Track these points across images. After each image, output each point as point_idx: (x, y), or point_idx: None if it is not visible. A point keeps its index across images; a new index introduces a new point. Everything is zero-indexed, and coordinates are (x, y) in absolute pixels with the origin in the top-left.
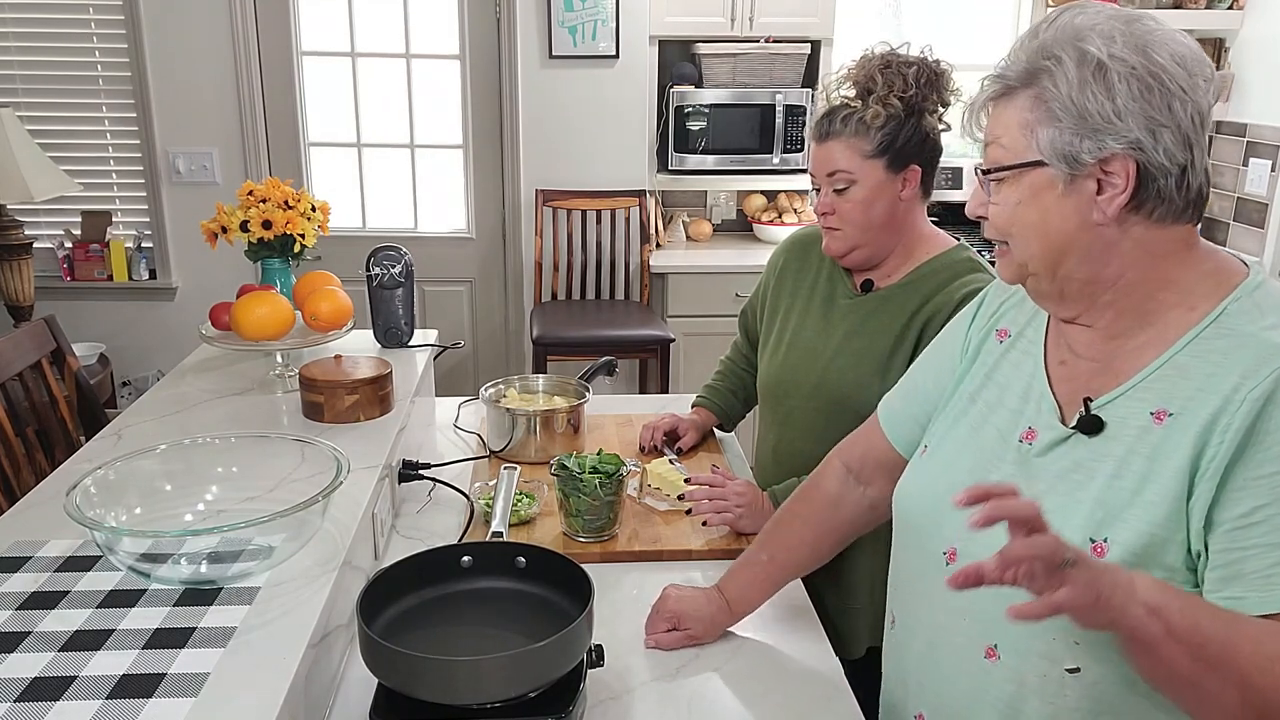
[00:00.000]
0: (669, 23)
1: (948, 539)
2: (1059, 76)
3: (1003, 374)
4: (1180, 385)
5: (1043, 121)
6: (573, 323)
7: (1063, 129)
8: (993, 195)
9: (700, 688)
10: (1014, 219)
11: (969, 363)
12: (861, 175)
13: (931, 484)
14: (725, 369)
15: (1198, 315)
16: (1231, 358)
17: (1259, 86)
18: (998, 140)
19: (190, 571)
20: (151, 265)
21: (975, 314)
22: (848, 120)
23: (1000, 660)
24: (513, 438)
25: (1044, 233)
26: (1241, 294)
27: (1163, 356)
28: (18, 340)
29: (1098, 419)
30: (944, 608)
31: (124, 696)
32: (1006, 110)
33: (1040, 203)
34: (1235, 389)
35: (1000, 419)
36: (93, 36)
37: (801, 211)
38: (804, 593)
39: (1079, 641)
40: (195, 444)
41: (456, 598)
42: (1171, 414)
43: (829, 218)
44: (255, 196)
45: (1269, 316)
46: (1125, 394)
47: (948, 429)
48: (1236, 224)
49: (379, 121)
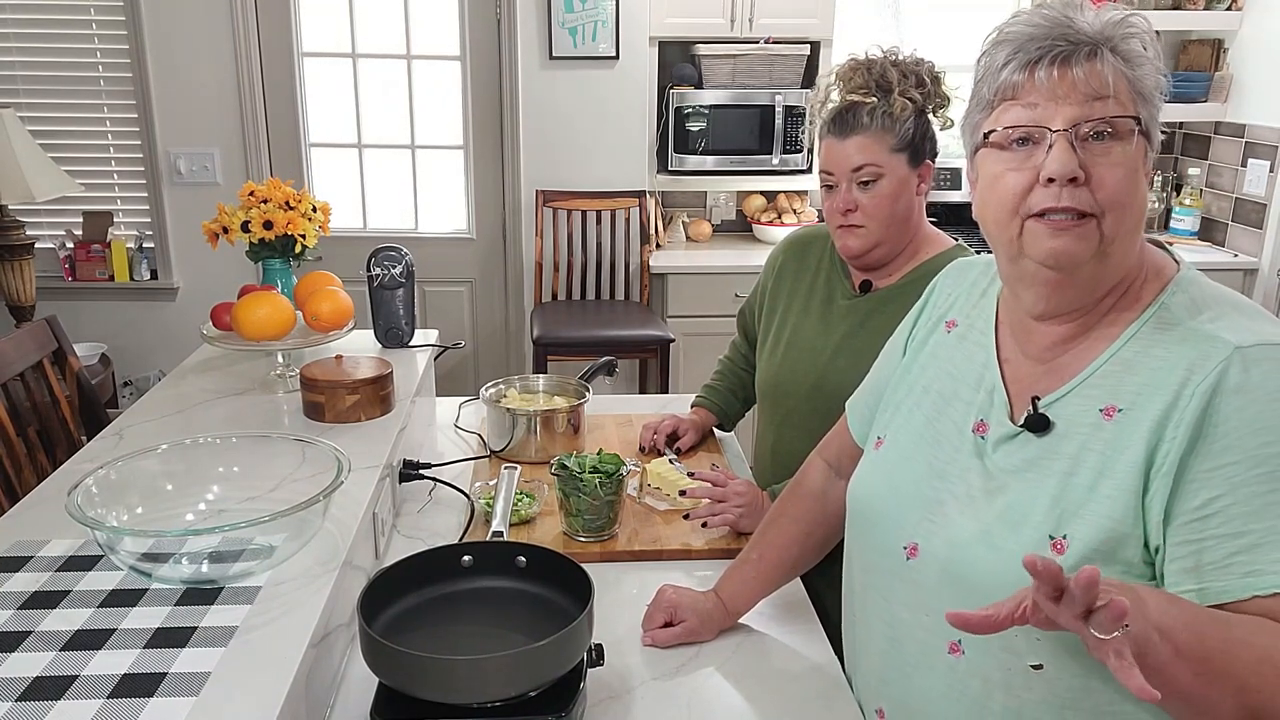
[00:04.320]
0: (669, 24)
1: (908, 533)
2: (1142, 41)
3: (955, 365)
4: (1126, 380)
5: (1139, 81)
6: (573, 323)
7: (1148, 89)
8: (1101, 157)
9: (700, 687)
10: (1130, 187)
11: (916, 352)
12: (889, 169)
13: (888, 477)
14: (724, 369)
15: (1136, 311)
16: (1175, 351)
17: (1258, 87)
18: (1113, 95)
19: (191, 571)
20: (153, 265)
21: (924, 306)
22: (873, 114)
23: (965, 656)
24: (513, 438)
25: (1143, 203)
26: (1176, 289)
27: (1106, 352)
28: (19, 340)
29: (1045, 418)
30: (904, 603)
31: (125, 696)
32: (1104, 67)
33: (1138, 168)
34: (1184, 383)
35: (955, 410)
36: (94, 37)
37: (801, 212)
38: (804, 592)
39: (1040, 638)
40: (196, 444)
41: (457, 597)
42: (1121, 409)
43: (852, 214)
44: (256, 197)
45: (1206, 310)
46: (1072, 392)
47: (904, 421)
48: (1235, 224)
49: (380, 122)
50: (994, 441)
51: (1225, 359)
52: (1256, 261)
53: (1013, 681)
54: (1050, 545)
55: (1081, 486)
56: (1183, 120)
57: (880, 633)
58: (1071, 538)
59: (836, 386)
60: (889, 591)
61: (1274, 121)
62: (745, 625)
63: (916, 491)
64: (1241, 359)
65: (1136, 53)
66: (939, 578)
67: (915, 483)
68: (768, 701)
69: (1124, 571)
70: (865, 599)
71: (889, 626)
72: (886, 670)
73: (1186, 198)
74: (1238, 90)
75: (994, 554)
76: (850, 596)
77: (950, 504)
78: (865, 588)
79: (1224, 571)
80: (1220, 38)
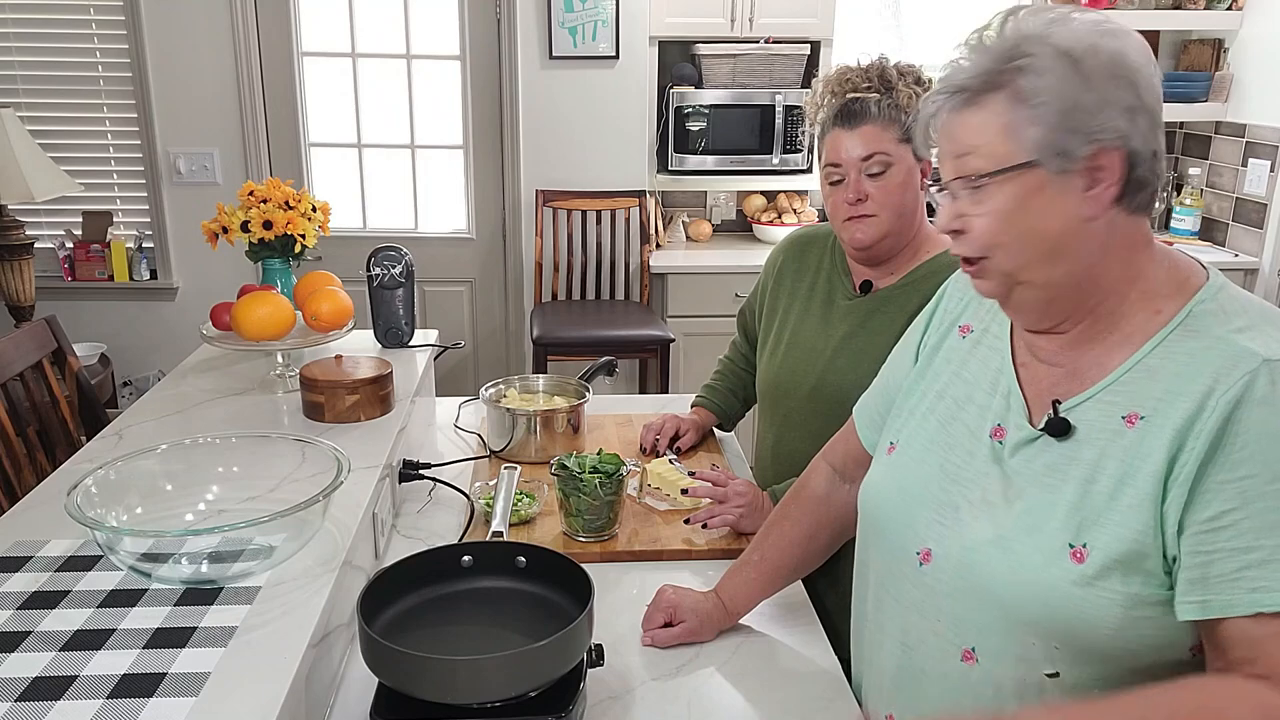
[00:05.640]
0: (669, 23)
1: (921, 538)
2: (1037, 72)
3: (970, 370)
4: (1150, 388)
5: (1028, 121)
6: (573, 323)
7: (1052, 125)
8: (972, 207)
9: (700, 687)
10: (1005, 228)
11: (930, 358)
12: (897, 157)
13: (901, 482)
14: (724, 369)
15: (1164, 318)
16: (1201, 360)
17: (1258, 87)
18: (974, 151)
19: (191, 571)
20: (152, 265)
21: (935, 309)
22: (880, 105)
23: (978, 664)
24: (513, 438)
25: (1039, 237)
26: (1206, 296)
27: (1131, 359)
28: (19, 340)
29: (1065, 421)
30: (917, 609)
31: (124, 696)
32: (976, 117)
33: (1032, 207)
34: (1208, 393)
35: (969, 415)
36: (93, 37)
37: (801, 212)
38: (804, 593)
39: (1059, 646)
40: (196, 444)
41: (457, 597)
42: (1144, 417)
43: (862, 204)
44: (256, 197)
45: (1236, 319)
46: (1094, 397)
47: (916, 426)
48: (1235, 224)
49: (379, 122)
50: (1012, 446)
51: (1253, 370)
52: (1257, 261)
53: (1026, 690)
54: (1070, 554)
55: (1102, 494)
56: (1183, 120)
57: (893, 638)
58: (1092, 547)
59: (837, 387)
60: (902, 597)
61: (1274, 121)
62: (746, 626)
63: (929, 496)
64: (1269, 372)
65: (1032, 86)
66: (953, 583)
67: (928, 487)
68: (768, 702)
69: (1145, 583)
70: (878, 604)
71: (902, 632)
72: (899, 676)
73: (1187, 197)
74: (1238, 90)
75: (1009, 558)
76: (861, 603)
77: (964, 508)
78: (878, 593)
79: (1231, 585)
80: (1220, 38)
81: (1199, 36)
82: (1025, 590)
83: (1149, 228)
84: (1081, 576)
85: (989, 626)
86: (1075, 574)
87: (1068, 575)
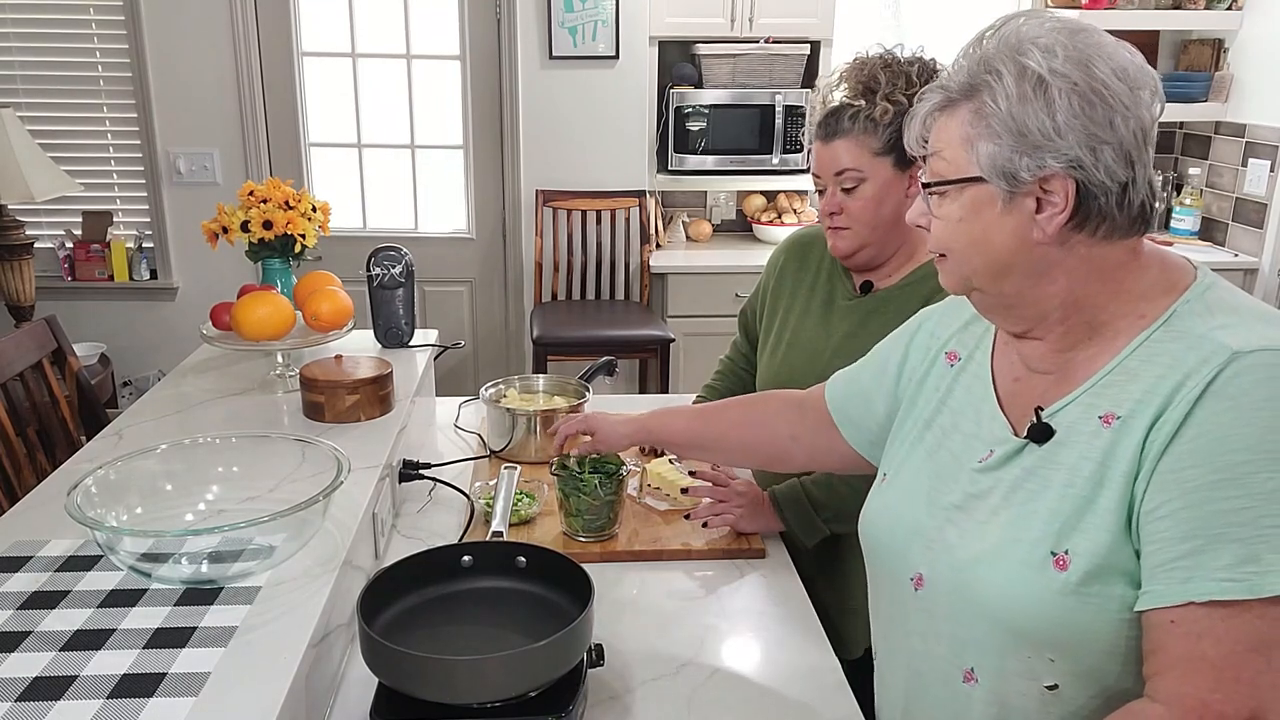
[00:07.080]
0: (669, 23)
1: (914, 565)
2: (999, 91)
3: (956, 399)
4: (1129, 389)
5: (982, 136)
6: (573, 323)
7: (1002, 145)
8: (934, 209)
9: (700, 687)
10: (955, 234)
11: (919, 387)
12: (871, 173)
13: (893, 511)
14: (725, 369)
15: (1146, 320)
16: (1180, 359)
17: (1258, 87)
18: (940, 153)
19: (191, 571)
20: (152, 265)
21: (917, 330)
22: (855, 118)
23: (979, 683)
24: (513, 438)
25: (985, 249)
26: (1191, 296)
27: (1113, 362)
28: (19, 340)
29: (1047, 426)
30: (918, 633)
31: (124, 696)
32: (949, 123)
33: (980, 219)
34: (1178, 388)
35: (955, 444)
36: (93, 37)
37: (801, 212)
38: (803, 593)
39: (1054, 658)
40: (196, 444)
41: (457, 597)
42: (1120, 417)
43: (836, 217)
44: (256, 197)
45: (1219, 317)
46: (1075, 400)
47: (906, 455)
48: (1235, 224)
49: (379, 122)
50: (997, 460)
51: (1220, 364)
52: (1257, 261)
53: (1029, 705)
54: (1053, 561)
55: (1079, 498)
56: (1183, 120)
57: (901, 663)
58: (1074, 553)
59: None
60: (904, 623)
61: (1274, 121)
62: (746, 625)
63: (918, 523)
64: (1237, 364)
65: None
66: (948, 604)
67: (917, 515)
68: (768, 702)
69: (1129, 586)
70: (886, 635)
71: (908, 657)
72: (908, 701)
73: (1187, 197)
74: (1238, 90)
75: (996, 573)
76: (875, 631)
77: (950, 531)
78: (886, 625)
79: (1166, 575)
80: (1220, 38)
81: (1199, 36)
82: (1015, 604)
83: (1138, 244)
84: (1066, 584)
85: (985, 644)
86: (1059, 582)
87: (1052, 584)
